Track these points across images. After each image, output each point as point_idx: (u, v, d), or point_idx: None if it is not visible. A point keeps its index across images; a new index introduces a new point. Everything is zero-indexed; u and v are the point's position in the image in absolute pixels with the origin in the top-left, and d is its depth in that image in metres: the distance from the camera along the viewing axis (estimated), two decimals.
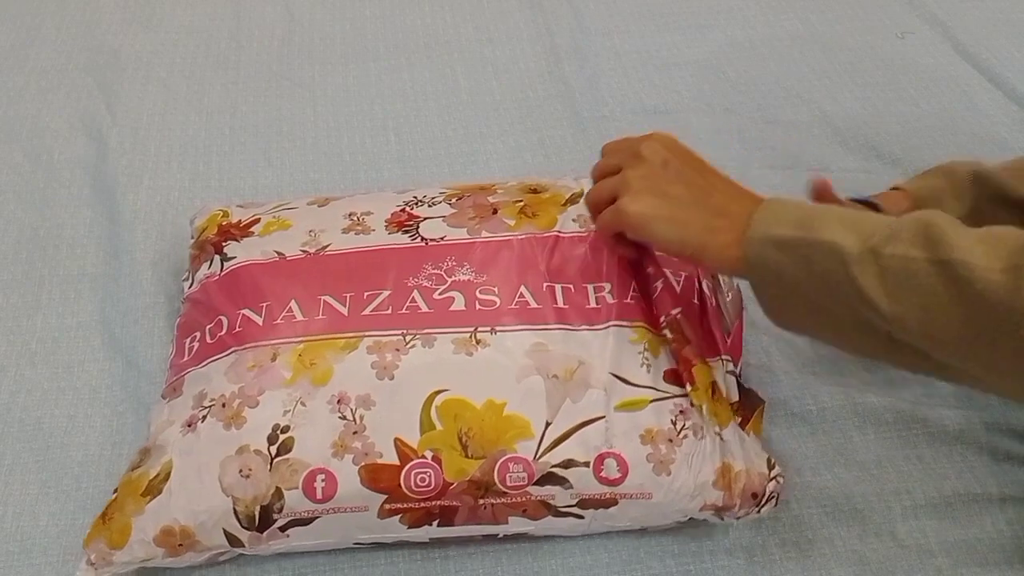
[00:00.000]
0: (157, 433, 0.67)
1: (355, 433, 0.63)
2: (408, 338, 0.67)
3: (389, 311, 0.69)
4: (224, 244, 0.77)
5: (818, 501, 0.70)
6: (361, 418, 0.64)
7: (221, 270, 0.75)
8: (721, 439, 0.65)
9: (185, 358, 0.72)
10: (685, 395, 0.66)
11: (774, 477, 0.65)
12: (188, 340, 0.73)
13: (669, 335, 0.67)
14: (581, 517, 0.64)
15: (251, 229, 0.78)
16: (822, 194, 0.73)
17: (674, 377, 0.67)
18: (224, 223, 0.80)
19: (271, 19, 1.20)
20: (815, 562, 0.67)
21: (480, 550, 0.68)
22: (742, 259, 0.58)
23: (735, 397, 0.69)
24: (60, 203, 0.95)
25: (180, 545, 0.63)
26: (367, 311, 0.69)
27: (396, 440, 0.63)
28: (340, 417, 0.64)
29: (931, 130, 1.02)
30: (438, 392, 0.64)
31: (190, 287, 0.77)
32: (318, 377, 0.65)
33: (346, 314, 0.69)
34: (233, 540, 0.63)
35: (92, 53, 1.14)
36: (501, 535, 0.66)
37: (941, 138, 1.01)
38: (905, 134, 1.01)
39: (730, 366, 0.70)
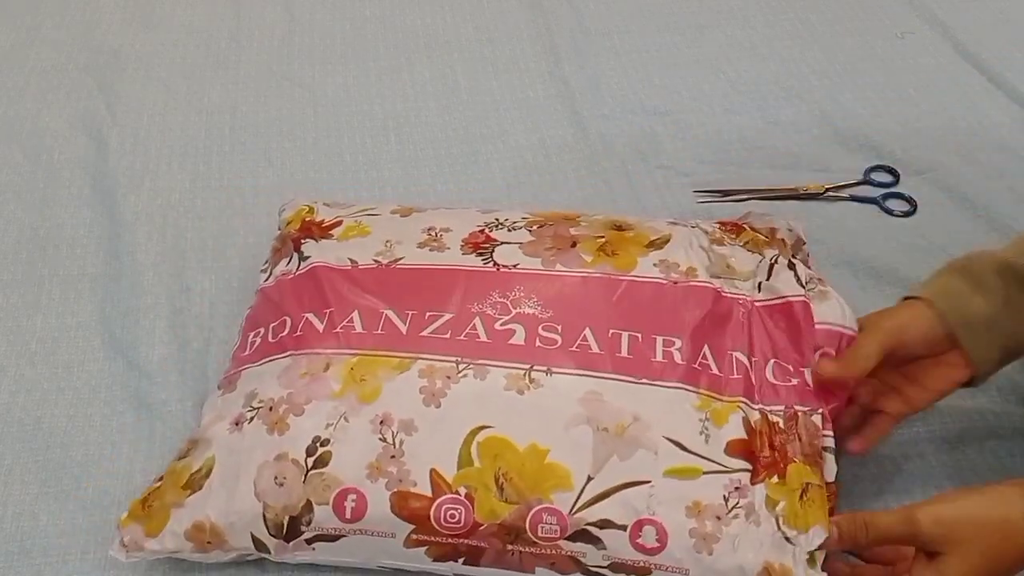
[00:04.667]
0: (208, 426, 0.68)
1: (392, 457, 0.62)
2: (461, 367, 0.65)
3: (448, 335, 0.67)
4: (303, 242, 0.77)
5: None
6: (401, 443, 0.62)
7: (297, 269, 0.75)
8: (788, 541, 0.59)
9: (246, 352, 0.72)
10: (747, 471, 0.61)
11: None
12: (252, 334, 0.73)
13: (781, 424, 0.64)
14: None
15: (331, 231, 0.78)
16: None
17: (740, 451, 0.62)
18: (308, 219, 0.80)
19: (271, 19, 1.20)
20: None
21: None
22: None
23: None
24: (60, 203, 0.95)
25: (209, 543, 0.63)
26: (426, 332, 0.67)
27: (432, 471, 0.61)
28: (380, 439, 0.63)
29: (931, 130, 1.02)
30: (482, 428, 0.62)
31: (266, 279, 0.77)
32: (366, 394, 0.64)
33: (404, 332, 0.67)
34: (260, 545, 0.63)
35: (92, 53, 1.14)
36: None
37: (941, 138, 1.01)
38: (905, 134, 1.01)
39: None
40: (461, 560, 0.62)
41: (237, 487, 0.63)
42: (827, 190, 0.95)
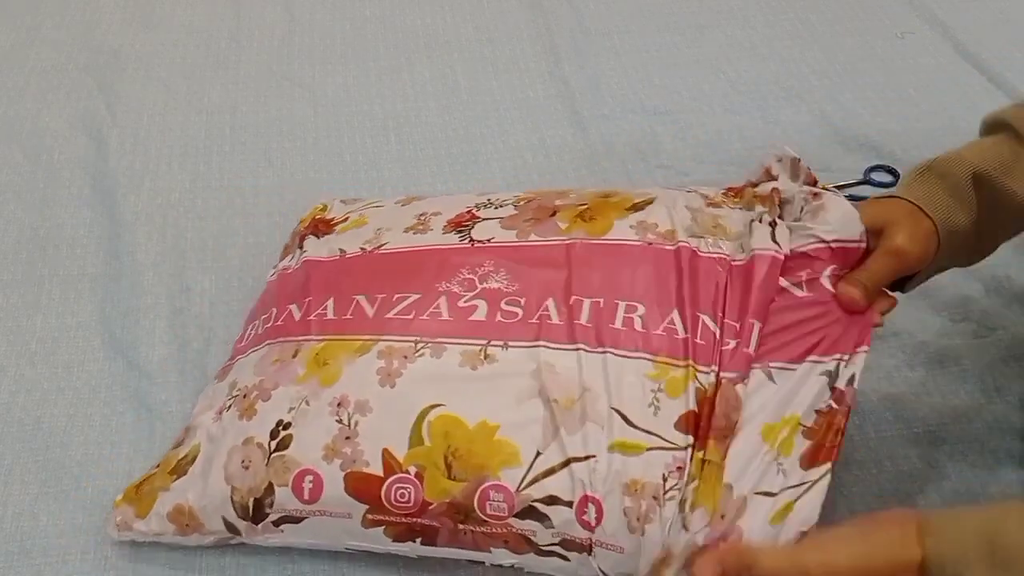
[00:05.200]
0: (197, 414, 0.70)
1: (347, 438, 0.62)
2: (419, 346, 0.65)
3: (411, 316, 0.67)
4: (306, 239, 0.79)
5: None
6: (356, 424, 0.63)
7: (295, 264, 0.77)
8: (685, 528, 0.56)
9: (243, 343, 0.75)
10: (687, 448, 0.58)
11: None
12: (250, 327, 0.76)
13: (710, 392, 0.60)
14: (566, 559, 0.60)
15: (335, 227, 0.79)
16: None
17: (687, 425, 0.59)
18: (318, 217, 0.82)
19: (271, 19, 1.20)
20: None
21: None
22: None
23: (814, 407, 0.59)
24: (60, 203, 0.95)
25: (187, 525, 0.65)
26: (390, 314, 0.68)
27: (384, 451, 0.61)
28: (337, 420, 0.63)
29: (931, 130, 1.02)
30: (433, 407, 0.62)
31: (272, 275, 0.80)
32: (326, 377, 0.65)
33: (371, 316, 0.68)
34: (231, 528, 0.64)
35: (92, 53, 1.14)
36: (488, 564, 0.64)
37: (941, 138, 0.99)
38: (905, 134, 1.01)
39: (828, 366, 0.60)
40: (419, 540, 0.62)
41: (211, 472, 0.65)
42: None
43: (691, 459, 0.58)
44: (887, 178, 0.97)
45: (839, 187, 0.94)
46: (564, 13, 1.20)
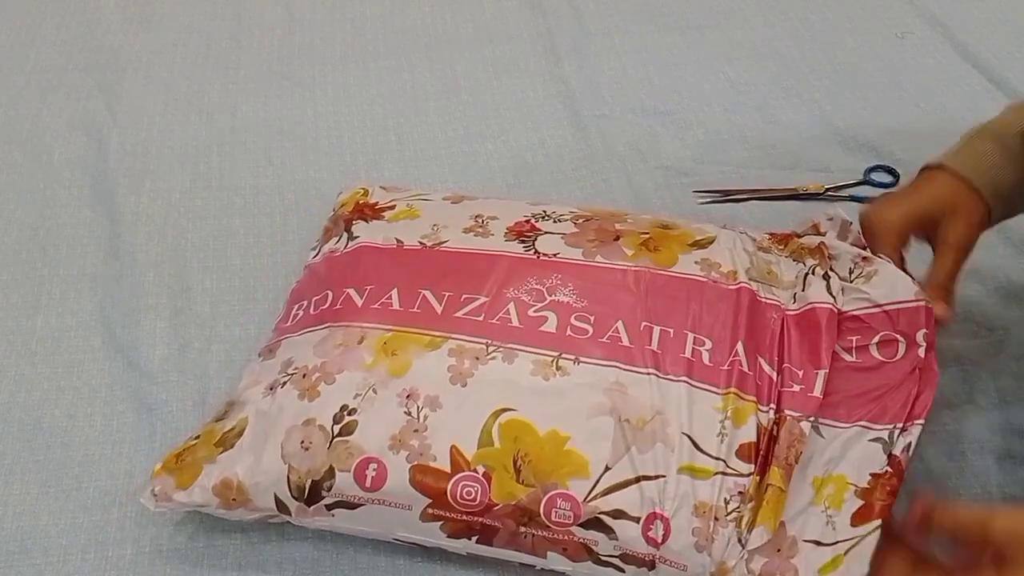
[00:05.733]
0: (244, 389, 0.70)
1: (415, 431, 0.63)
2: (491, 349, 0.66)
3: (481, 318, 0.68)
4: (354, 222, 0.79)
5: None
6: (425, 418, 0.63)
7: (345, 247, 0.77)
8: (741, 544, 0.59)
9: (288, 323, 0.75)
10: (752, 475, 0.61)
11: None
12: (296, 307, 0.76)
13: (774, 429, 0.63)
14: (622, 571, 0.61)
15: (383, 213, 0.80)
16: None
17: (748, 455, 0.62)
18: (361, 202, 0.82)
19: (271, 19, 1.20)
20: None
21: (484, 563, 0.67)
22: None
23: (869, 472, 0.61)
24: (60, 203, 0.95)
25: (234, 500, 0.64)
26: (460, 313, 0.68)
27: (452, 448, 0.62)
28: (405, 412, 0.64)
29: (931, 130, 1.02)
30: (505, 410, 0.63)
31: (314, 256, 0.80)
32: (395, 368, 0.66)
33: (439, 312, 0.69)
34: (282, 507, 0.64)
35: (92, 53, 1.15)
36: (539, 567, 0.64)
37: (941, 138, 1.00)
38: (905, 134, 1.01)
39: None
40: (475, 538, 0.63)
41: (265, 448, 0.65)
42: (827, 190, 0.95)
43: (751, 484, 0.61)
44: (887, 178, 0.97)
45: (839, 187, 0.95)
46: (564, 13, 1.20)
